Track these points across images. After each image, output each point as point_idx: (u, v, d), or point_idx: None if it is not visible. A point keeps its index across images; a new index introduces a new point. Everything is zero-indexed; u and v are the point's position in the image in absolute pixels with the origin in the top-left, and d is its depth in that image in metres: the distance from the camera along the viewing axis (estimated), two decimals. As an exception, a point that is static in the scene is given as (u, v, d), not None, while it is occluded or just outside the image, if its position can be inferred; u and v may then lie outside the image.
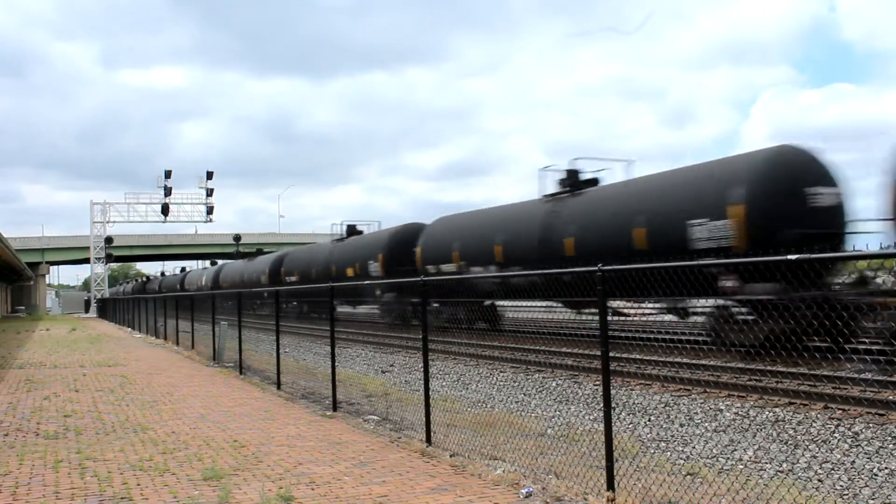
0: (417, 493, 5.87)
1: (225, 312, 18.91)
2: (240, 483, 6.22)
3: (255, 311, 28.74)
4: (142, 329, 31.86)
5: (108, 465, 6.96)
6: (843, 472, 6.74)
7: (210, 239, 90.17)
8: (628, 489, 5.60)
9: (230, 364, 16.49)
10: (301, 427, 8.87)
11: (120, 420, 9.52)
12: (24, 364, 17.77)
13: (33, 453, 7.59)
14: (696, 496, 5.54)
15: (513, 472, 6.33)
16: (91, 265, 71.17)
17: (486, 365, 15.71)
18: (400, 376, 14.75)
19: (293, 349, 20.44)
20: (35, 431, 8.85)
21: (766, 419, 9.20)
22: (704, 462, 7.13)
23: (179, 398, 11.52)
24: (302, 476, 6.44)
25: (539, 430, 8.58)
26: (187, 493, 5.92)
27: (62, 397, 11.70)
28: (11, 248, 51.05)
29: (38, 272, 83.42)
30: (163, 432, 8.62)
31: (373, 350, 20.71)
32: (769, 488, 5.88)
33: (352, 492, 5.92)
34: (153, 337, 27.84)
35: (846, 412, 9.22)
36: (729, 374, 12.07)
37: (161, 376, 14.67)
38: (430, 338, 8.11)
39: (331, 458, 7.17)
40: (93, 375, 14.94)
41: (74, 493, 6.02)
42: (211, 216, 69.61)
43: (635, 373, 12.78)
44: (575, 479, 6.05)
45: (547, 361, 14.96)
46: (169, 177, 67.81)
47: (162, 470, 6.74)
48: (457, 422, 8.46)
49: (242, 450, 7.57)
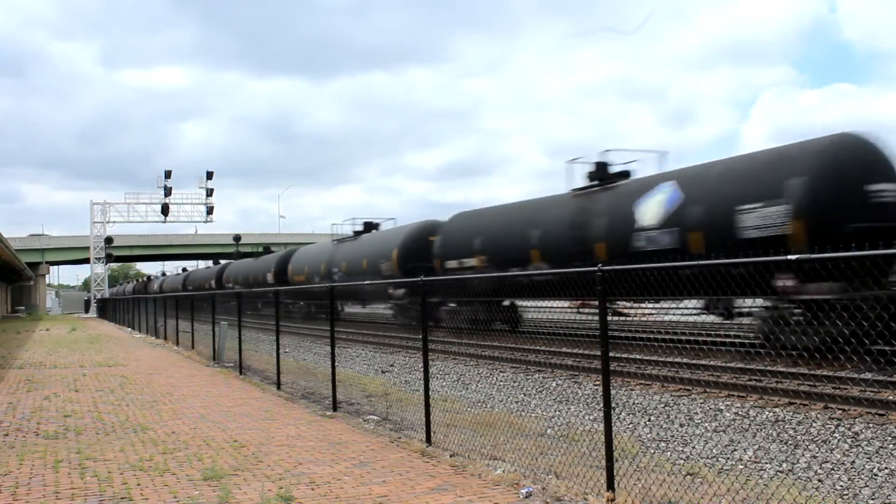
0: (417, 493, 5.87)
1: (227, 313, 18.87)
2: (240, 483, 6.22)
3: (260, 312, 28.31)
4: (142, 329, 31.86)
5: (108, 465, 6.97)
6: (843, 472, 6.74)
7: (210, 239, 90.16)
8: (628, 489, 5.60)
9: (230, 364, 16.49)
10: (301, 427, 8.87)
11: (120, 420, 9.53)
12: (24, 364, 17.77)
13: (33, 453, 7.59)
14: (696, 496, 5.54)
15: (513, 472, 6.33)
16: (91, 265, 71.17)
17: (486, 365, 15.70)
18: (400, 376, 14.74)
19: (293, 349, 20.44)
20: (35, 431, 8.85)
21: (766, 419, 9.19)
22: (704, 462, 7.12)
23: (179, 398, 11.52)
24: (302, 476, 6.44)
25: (539, 430, 8.58)
26: (187, 493, 5.93)
27: (62, 397, 11.70)
28: (11, 248, 51.06)
29: (38, 272, 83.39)
30: (163, 432, 8.62)
31: (373, 350, 20.70)
32: (769, 488, 5.88)
33: (352, 492, 5.92)
34: (153, 337, 27.84)
35: (846, 412, 9.22)
36: (729, 374, 12.06)
37: (161, 376, 14.67)
38: (434, 338, 8.10)
39: (331, 458, 7.17)
40: (93, 375, 14.94)
41: (74, 493, 6.02)
42: (211, 216, 69.67)
43: (635, 373, 12.78)
44: (575, 479, 6.05)
45: (547, 361, 14.95)
46: (169, 177, 67.87)
47: (162, 470, 6.74)
48: (457, 422, 8.46)
49: (242, 450, 7.57)
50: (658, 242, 16.50)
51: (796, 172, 13.95)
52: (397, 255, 27.72)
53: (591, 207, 18.85)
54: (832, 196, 13.45)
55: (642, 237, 16.90)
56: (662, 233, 16.51)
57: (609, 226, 17.96)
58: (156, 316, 28.21)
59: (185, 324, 22.13)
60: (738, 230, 14.62)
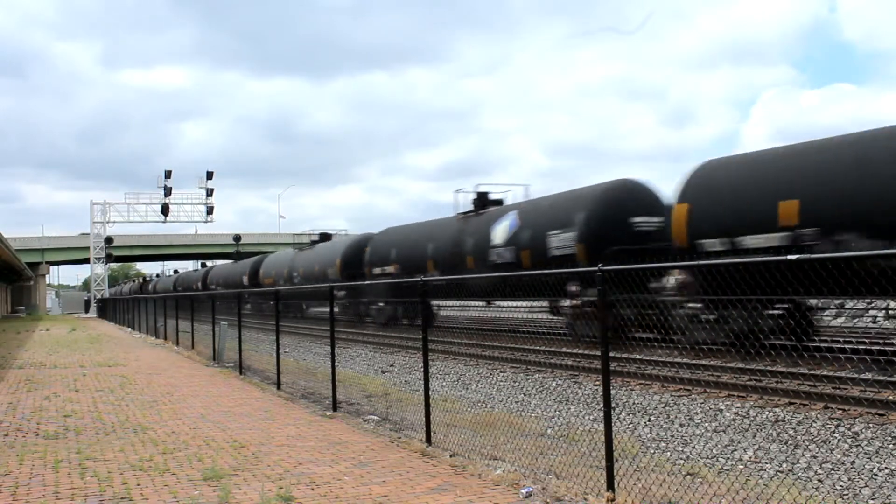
0: (417, 493, 5.87)
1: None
2: (240, 483, 6.22)
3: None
4: (142, 329, 31.86)
5: (108, 465, 6.96)
6: (843, 472, 6.74)
7: (210, 239, 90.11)
8: (628, 489, 5.60)
9: (230, 364, 16.50)
10: (301, 427, 8.87)
11: (120, 420, 9.53)
12: (24, 364, 17.77)
13: (33, 453, 7.59)
14: (696, 496, 5.54)
15: (513, 472, 6.33)
16: (91, 265, 71.15)
17: (486, 365, 15.72)
18: (400, 376, 14.75)
19: (293, 349, 20.45)
20: (35, 431, 8.85)
21: (766, 419, 9.20)
22: (704, 462, 7.13)
23: (179, 398, 11.52)
24: (302, 476, 6.44)
25: (539, 430, 8.59)
26: (187, 493, 5.93)
27: (62, 397, 11.70)
28: (11, 248, 51.04)
29: (38, 272, 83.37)
30: (163, 432, 8.62)
31: (373, 350, 20.72)
32: (769, 488, 5.88)
33: (352, 492, 5.92)
34: (153, 337, 27.85)
35: (846, 412, 9.22)
36: (729, 374, 12.09)
37: (161, 376, 14.67)
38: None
39: (331, 458, 7.17)
40: (93, 375, 14.94)
41: (74, 493, 6.02)
42: (211, 216, 69.57)
43: (635, 373, 12.79)
44: (575, 479, 6.05)
45: (547, 361, 14.97)
46: (169, 177, 67.79)
47: (162, 470, 6.74)
48: (457, 422, 8.46)
49: (242, 450, 7.57)
50: (504, 257, 21.46)
51: (581, 208, 19.12)
52: (340, 263, 33.19)
53: (466, 229, 24.30)
54: (602, 226, 18.45)
55: (494, 253, 21.98)
56: (506, 250, 21.47)
57: (475, 243, 23.19)
58: (155, 316, 28.23)
59: (185, 324, 22.14)
60: (548, 249, 19.54)
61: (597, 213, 18.69)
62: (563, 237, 19.13)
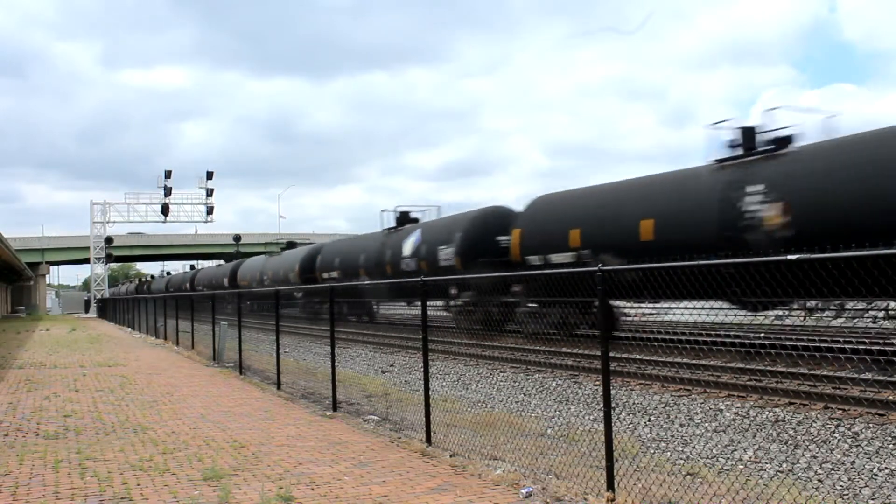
0: (417, 493, 5.87)
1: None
2: (240, 483, 6.22)
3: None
4: (142, 329, 31.86)
5: (108, 465, 6.97)
6: (843, 472, 6.74)
7: (210, 239, 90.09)
8: (628, 489, 5.60)
9: (230, 364, 16.50)
10: (301, 427, 8.87)
11: (120, 420, 9.53)
12: (24, 364, 17.77)
13: (33, 453, 7.59)
14: (696, 496, 5.54)
15: (513, 472, 6.33)
16: (91, 265, 71.14)
17: (486, 365, 15.72)
18: (400, 376, 14.75)
19: (293, 349, 20.45)
20: (35, 431, 8.85)
21: (766, 419, 9.20)
22: (704, 462, 7.13)
23: (179, 398, 11.53)
24: (302, 476, 6.44)
25: (539, 430, 8.58)
26: (187, 493, 5.93)
27: (62, 397, 11.70)
28: (11, 248, 51.04)
29: (38, 272, 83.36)
30: (163, 432, 8.62)
31: (373, 350, 20.72)
32: (769, 488, 5.88)
33: (352, 492, 5.92)
34: (153, 337, 27.84)
35: (846, 412, 9.22)
36: (729, 374, 12.09)
37: (161, 376, 14.67)
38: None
39: (331, 458, 7.17)
40: (93, 375, 14.95)
41: (74, 493, 6.02)
42: (211, 216, 69.58)
43: (635, 373, 12.79)
44: (575, 479, 6.05)
45: (547, 361, 14.98)
46: (169, 177, 67.78)
47: (162, 470, 6.74)
48: (457, 422, 8.46)
49: (242, 450, 7.57)
50: (410, 266, 26.57)
51: (459, 229, 24.43)
52: (298, 269, 38.22)
53: (387, 242, 29.36)
54: (474, 243, 23.44)
55: (404, 263, 27.18)
56: (412, 260, 26.64)
57: (392, 255, 28.35)
58: (156, 316, 28.23)
59: (185, 324, 22.13)
60: (438, 260, 24.69)
61: (470, 232, 23.92)
62: (447, 251, 24.40)
